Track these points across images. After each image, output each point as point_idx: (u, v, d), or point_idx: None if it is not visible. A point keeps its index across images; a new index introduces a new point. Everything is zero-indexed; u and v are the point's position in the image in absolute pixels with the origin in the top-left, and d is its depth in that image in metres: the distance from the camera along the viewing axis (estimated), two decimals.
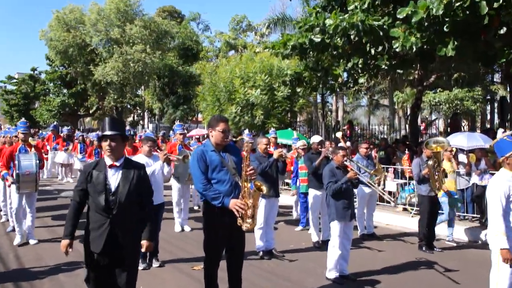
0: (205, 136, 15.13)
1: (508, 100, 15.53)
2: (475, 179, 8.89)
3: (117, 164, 3.67)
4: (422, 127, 21.83)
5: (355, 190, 8.05)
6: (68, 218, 3.66)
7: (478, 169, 9.03)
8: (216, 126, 4.36)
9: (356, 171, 5.99)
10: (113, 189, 3.59)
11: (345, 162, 6.03)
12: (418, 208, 8.69)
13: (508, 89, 16.67)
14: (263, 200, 6.81)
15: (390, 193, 10.95)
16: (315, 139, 8.10)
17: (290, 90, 17.08)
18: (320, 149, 7.85)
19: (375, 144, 13.62)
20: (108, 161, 3.69)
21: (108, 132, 3.68)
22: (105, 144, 3.67)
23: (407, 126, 21.56)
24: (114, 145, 3.67)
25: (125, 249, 3.60)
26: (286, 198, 11.53)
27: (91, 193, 3.62)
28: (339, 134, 12.21)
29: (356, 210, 8.27)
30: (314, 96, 24.95)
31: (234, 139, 11.44)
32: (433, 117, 33.51)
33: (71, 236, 3.64)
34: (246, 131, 11.03)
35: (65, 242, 3.64)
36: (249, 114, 17.95)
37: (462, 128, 23.77)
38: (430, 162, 7.17)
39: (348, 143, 11.80)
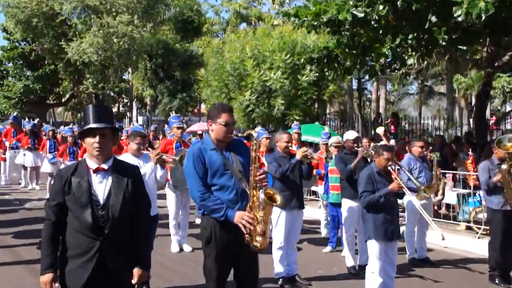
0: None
1: None
2: None
3: (105, 167, 3.63)
4: (492, 121, 21.53)
5: (402, 201, 7.96)
6: (44, 246, 3.56)
7: None
8: (217, 117, 4.41)
9: (400, 182, 5.96)
10: (101, 201, 3.54)
11: (388, 168, 6.01)
12: (487, 227, 8.57)
13: None
14: (283, 213, 6.85)
15: (448, 206, 10.90)
16: (350, 135, 8.16)
17: (317, 74, 17.06)
18: (356, 148, 7.87)
19: (428, 143, 13.50)
20: (92, 164, 3.63)
21: (95, 125, 3.61)
22: (91, 141, 3.61)
23: (471, 120, 21.31)
24: (104, 142, 3.62)
25: (117, 281, 3.56)
26: (313, 210, 11.48)
27: (72, 207, 3.53)
28: (380, 130, 12.13)
29: (403, 227, 8.25)
30: (349, 81, 24.83)
31: (241, 135, 11.40)
32: (508, 108, 33.02)
33: (53, 269, 3.53)
34: (258, 128, 11.05)
35: (46, 277, 3.51)
36: (266, 103, 17.97)
37: None
38: (504, 166, 7.00)
39: (392, 142, 11.72)
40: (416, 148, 8.28)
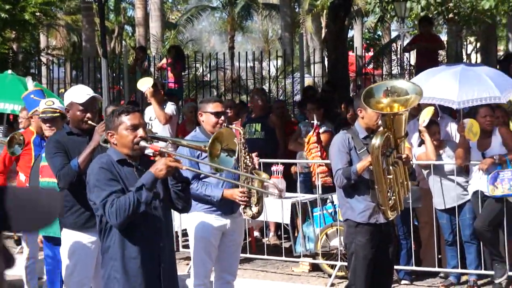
0: None
1: None
2: (478, 182, 7.09)
3: None
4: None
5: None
6: None
7: (487, 156, 7.16)
8: None
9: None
10: None
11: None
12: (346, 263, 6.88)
13: None
14: None
15: (278, 228, 8.68)
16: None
17: None
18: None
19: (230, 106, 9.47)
20: None
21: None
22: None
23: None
24: None
25: None
26: None
27: None
28: (143, 87, 7.99)
29: None
30: None
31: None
32: None
33: None
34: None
35: None
36: None
37: None
38: (378, 141, 5.48)
39: (170, 108, 8.32)
40: (208, 117, 5.76)
